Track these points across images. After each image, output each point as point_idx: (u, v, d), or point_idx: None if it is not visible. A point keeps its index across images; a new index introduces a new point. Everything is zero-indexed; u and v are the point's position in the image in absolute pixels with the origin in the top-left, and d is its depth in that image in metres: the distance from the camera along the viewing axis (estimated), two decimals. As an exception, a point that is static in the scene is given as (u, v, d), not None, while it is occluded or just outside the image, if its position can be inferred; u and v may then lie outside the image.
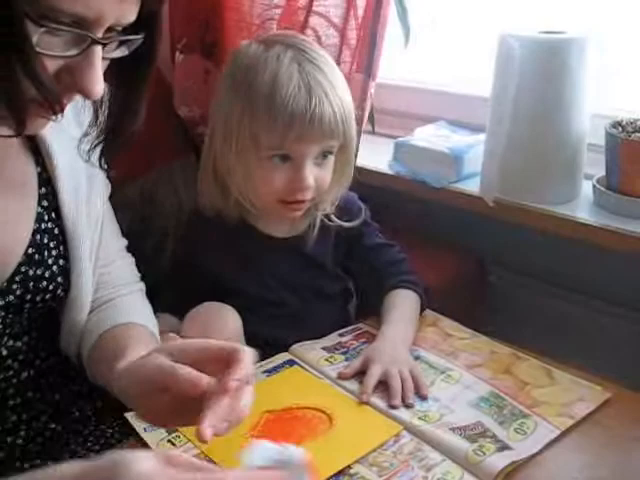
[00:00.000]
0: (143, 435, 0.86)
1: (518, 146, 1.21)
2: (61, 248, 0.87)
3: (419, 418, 0.89)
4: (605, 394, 0.94)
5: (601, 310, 1.33)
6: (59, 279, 0.86)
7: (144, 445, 0.85)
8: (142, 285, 1.01)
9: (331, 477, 0.79)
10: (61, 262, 0.87)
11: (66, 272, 0.87)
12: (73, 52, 0.64)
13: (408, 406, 0.91)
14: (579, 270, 1.35)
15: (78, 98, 0.70)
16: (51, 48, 0.63)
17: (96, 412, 0.94)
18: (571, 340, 1.30)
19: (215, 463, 0.80)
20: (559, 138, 1.20)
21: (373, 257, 1.16)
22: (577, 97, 1.17)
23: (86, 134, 0.82)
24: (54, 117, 0.68)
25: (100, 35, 0.65)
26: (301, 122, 1.00)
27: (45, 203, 0.85)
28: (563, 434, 0.87)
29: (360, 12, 1.43)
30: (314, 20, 1.41)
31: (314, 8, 1.41)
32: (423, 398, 0.93)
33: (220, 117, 1.07)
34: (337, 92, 1.03)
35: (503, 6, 1.48)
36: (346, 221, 1.15)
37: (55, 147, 0.85)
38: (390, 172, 1.41)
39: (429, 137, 1.41)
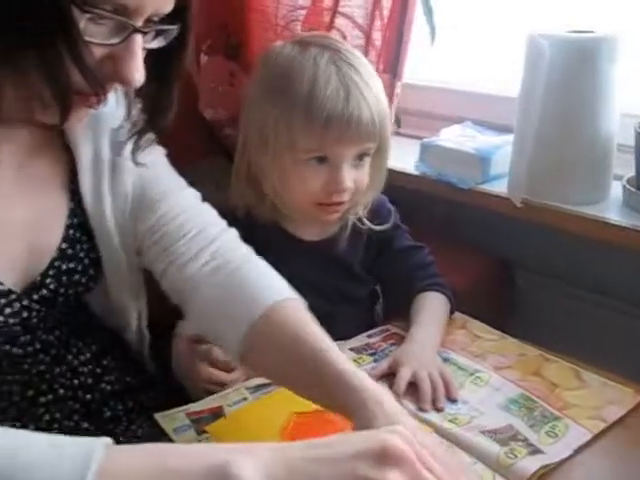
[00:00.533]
0: (173, 436, 0.87)
1: (546, 146, 1.20)
2: (92, 241, 0.88)
3: (449, 421, 0.89)
4: (636, 397, 0.93)
5: (630, 313, 1.32)
6: (91, 271, 0.88)
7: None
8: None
9: None
10: (92, 255, 0.88)
11: (97, 263, 0.89)
12: (115, 40, 0.66)
13: (438, 409, 0.91)
14: (607, 272, 1.34)
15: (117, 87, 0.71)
16: (95, 36, 0.64)
17: (127, 412, 0.94)
18: (599, 343, 1.28)
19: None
20: (588, 138, 1.19)
21: (402, 260, 1.15)
22: (607, 97, 1.16)
23: (120, 127, 0.83)
24: (96, 107, 0.70)
25: (140, 24, 0.66)
26: (339, 124, 0.99)
27: (77, 198, 0.87)
28: (594, 438, 0.86)
29: (385, 12, 1.43)
30: (339, 21, 1.41)
31: (339, 9, 1.41)
32: (453, 401, 0.93)
33: (255, 119, 1.06)
34: (374, 93, 1.03)
35: (527, 5, 1.47)
36: (377, 224, 1.14)
37: (80, 140, 0.85)
38: (416, 173, 1.40)
39: (455, 138, 1.40)
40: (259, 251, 1.09)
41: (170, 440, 0.86)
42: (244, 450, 0.56)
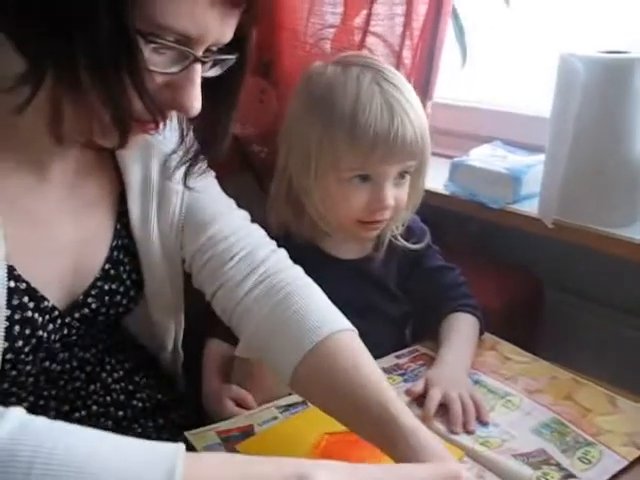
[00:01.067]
0: (203, 454, 0.87)
1: (579, 167, 1.19)
2: (134, 262, 0.89)
3: (480, 444, 0.88)
4: (671, 423, 0.92)
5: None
6: (132, 293, 0.90)
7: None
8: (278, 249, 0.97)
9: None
10: (134, 276, 0.90)
11: (139, 285, 0.90)
12: (175, 69, 0.67)
13: (469, 432, 0.90)
14: (638, 294, 1.32)
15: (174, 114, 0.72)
16: (156, 65, 0.66)
17: (157, 429, 0.94)
18: (632, 366, 1.27)
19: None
20: (621, 159, 1.18)
21: (434, 280, 1.15)
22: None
23: (172, 152, 0.84)
24: (153, 132, 0.72)
25: (200, 54, 0.68)
26: (384, 143, 1.00)
27: (124, 220, 0.88)
28: (629, 465, 0.85)
29: (416, 32, 1.43)
30: (370, 40, 1.42)
31: (370, 28, 1.42)
32: (484, 424, 0.92)
33: (298, 138, 1.06)
34: (416, 111, 1.03)
35: (558, 25, 1.47)
36: (413, 243, 1.14)
37: (129, 164, 0.86)
38: (446, 192, 1.40)
39: (485, 157, 1.40)
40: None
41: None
42: (324, 464, 0.56)
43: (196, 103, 0.69)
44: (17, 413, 0.52)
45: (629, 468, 0.85)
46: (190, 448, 0.87)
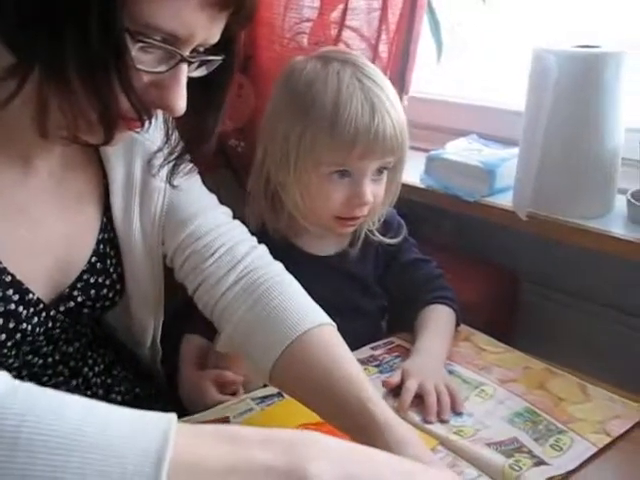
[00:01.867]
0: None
1: (552, 160, 1.21)
2: (118, 256, 0.90)
3: (454, 433, 0.89)
4: (641, 411, 0.94)
5: (635, 326, 1.32)
6: (117, 286, 0.90)
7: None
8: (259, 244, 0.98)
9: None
10: (119, 269, 0.90)
11: (123, 279, 0.91)
12: (162, 68, 0.68)
13: (443, 421, 0.91)
14: (612, 286, 1.34)
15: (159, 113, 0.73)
16: (143, 63, 0.66)
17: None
18: (603, 356, 1.28)
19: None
20: (594, 152, 1.19)
21: (410, 272, 1.16)
22: (612, 111, 1.17)
23: (158, 150, 0.85)
24: (138, 130, 0.72)
25: (187, 54, 0.68)
26: (365, 139, 1.00)
27: (109, 214, 0.88)
28: (599, 451, 0.86)
29: (392, 27, 1.44)
30: (346, 34, 1.42)
31: (346, 22, 1.42)
32: (458, 413, 0.93)
33: (277, 134, 1.06)
34: (396, 108, 1.04)
35: (531, 21, 1.49)
36: (390, 237, 1.15)
37: (112, 160, 0.87)
38: (422, 186, 1.41)
39: (461, 151, 1.41)
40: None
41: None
42: (320, 448, 0.50)
43: (181, 102, 0.70)
44: (3, 378, 0.49)
45: (599, 454, 0.86)
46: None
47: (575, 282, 1.39)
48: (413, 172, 1.42)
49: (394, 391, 0.97)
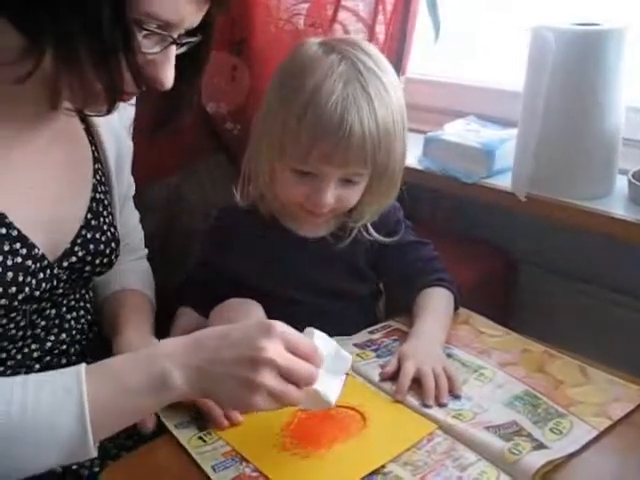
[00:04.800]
0: (174, 432, 0.86)
1: (551, 140, 1.19)
2: (110, 217, 0.99)
3: (453, 417, 0.88)
4: (642, 394, 0.93)
5: (635, 308, 1.31)
6: (112, 245, 0.98)
7: (173, 444, 0.85)
8: (146, 251, 1.19)
9: (365, 476, 0.78)
10: (112, 229, 0.99)
11: (117, 240, 0.99)
12: (156, 50, 0.78)
13: (441, 405, 0.90)
14: (612, 267, 1.33)
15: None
16: (144, 47, 0.77)
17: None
18: (603, 338, 1.28)
19: (247, 461, 0.80)
20: (593, 132, 1.18)
21: (406, 255, 1.13)
22: (612, 90, 1.15)
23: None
24: (128, 100, 0.84)
25: (176, 37, 0.79)
26: (327, 143, 0.95)
27: (97, 177, 0.98)
28: (599, 435, 0.85)
29: (389, 7, 1.42)
30: (342, 15, 1.41)
31: (342, 3, 1.41)
32: (456, 397, 0.92)
33: (263, 114, 1.04)
34: (377, 118, 0.97)
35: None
36: (384, 235, 1.11)
37: (103, 131, 0.99)
38: (420, 167, 1.39)
39: (459, 132, 1.40)
40: (262, 248, 1.08)
41: (172, 435, 0.86)
42: (168, 353, 0.75)
43: (171, 77, 0.81)
44: None
45: (599, 437, 0.85)
46: (163, 426, 0.88)
47: (574, 264, 1.38)
48: (411, 154, 1.40)
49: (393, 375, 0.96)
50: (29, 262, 0.85)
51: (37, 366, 0.92)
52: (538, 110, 1.17)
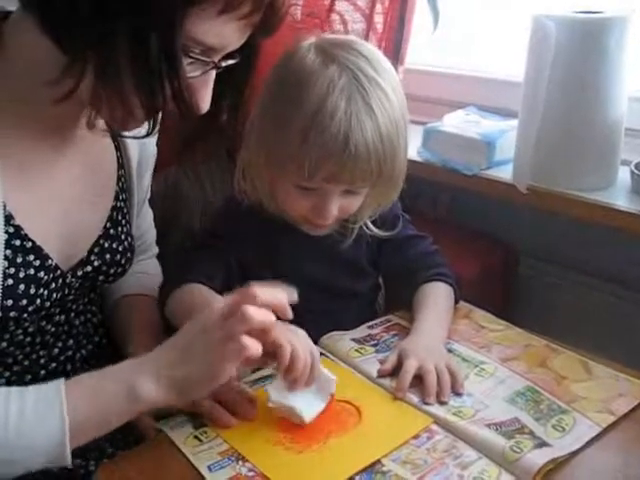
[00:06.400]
0: (170, 434, 0.85)
1: (552, 131, 1.18)
2: (127, 226, 0.99)
3: (453, 414, 0.86)
4: (646, 389, 0.91)
5: (637, 300, 1.30)
6: (128, 254, 0.98)
7: (170, 441, 0.83)
8: (157, 249, 1.19)
9: (362, 471, 0.77)
10: (129, 239, 0.99)
11: (132, 249, 1.00)
12: (197, 74, 0.78)
13: (442, 403, 0.89)
14: (613, 259, 1.32)
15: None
16: (188, 72, 0.76)
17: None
18: (605, 331, 1.27)
19: (245, 458, 0.79)
20: (595, 122, 1.16)
21: (405, 250, 1.12)
22: (615, 80, 1.14)
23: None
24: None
25: (217, 60, 0.79)
26: (333, 163, 0.93)
27: (120, 184, 0.98)
28: (603, 431, 0.84)
29: (387, -4, 1.41)
30: (340, 5, 1.39)
31: (340, -8, 1.39)
32: (457, 394, 0.90)
33: (259, 123, 1.00)
34: (381, 132, 0.94)
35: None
36: (384, 231, 1.09)
37: (128, 139, 0.97)
38: (419, 159, 1.38)
39: (459, 123, 1.38)
40: (265, 244, 1.06)
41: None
42: (137, 362, 0.78)
43: (208, 101, 0.80)
44: None
45: (603, 434, 0.84)
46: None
47: (575, 256, 1.37)
48: (410, 146, 1.36)
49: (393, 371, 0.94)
50: (42, 274, 0.84)
51: (42, 372, 0.92)
52: (539, 100, 1.15)
